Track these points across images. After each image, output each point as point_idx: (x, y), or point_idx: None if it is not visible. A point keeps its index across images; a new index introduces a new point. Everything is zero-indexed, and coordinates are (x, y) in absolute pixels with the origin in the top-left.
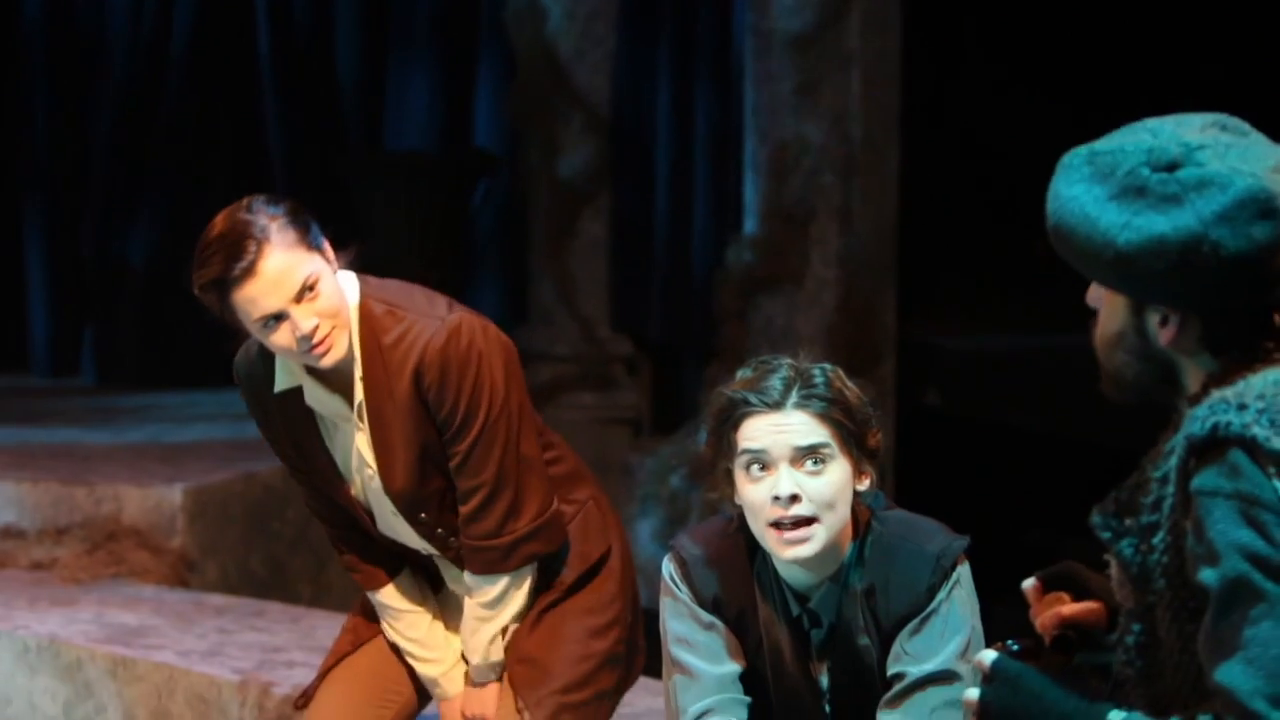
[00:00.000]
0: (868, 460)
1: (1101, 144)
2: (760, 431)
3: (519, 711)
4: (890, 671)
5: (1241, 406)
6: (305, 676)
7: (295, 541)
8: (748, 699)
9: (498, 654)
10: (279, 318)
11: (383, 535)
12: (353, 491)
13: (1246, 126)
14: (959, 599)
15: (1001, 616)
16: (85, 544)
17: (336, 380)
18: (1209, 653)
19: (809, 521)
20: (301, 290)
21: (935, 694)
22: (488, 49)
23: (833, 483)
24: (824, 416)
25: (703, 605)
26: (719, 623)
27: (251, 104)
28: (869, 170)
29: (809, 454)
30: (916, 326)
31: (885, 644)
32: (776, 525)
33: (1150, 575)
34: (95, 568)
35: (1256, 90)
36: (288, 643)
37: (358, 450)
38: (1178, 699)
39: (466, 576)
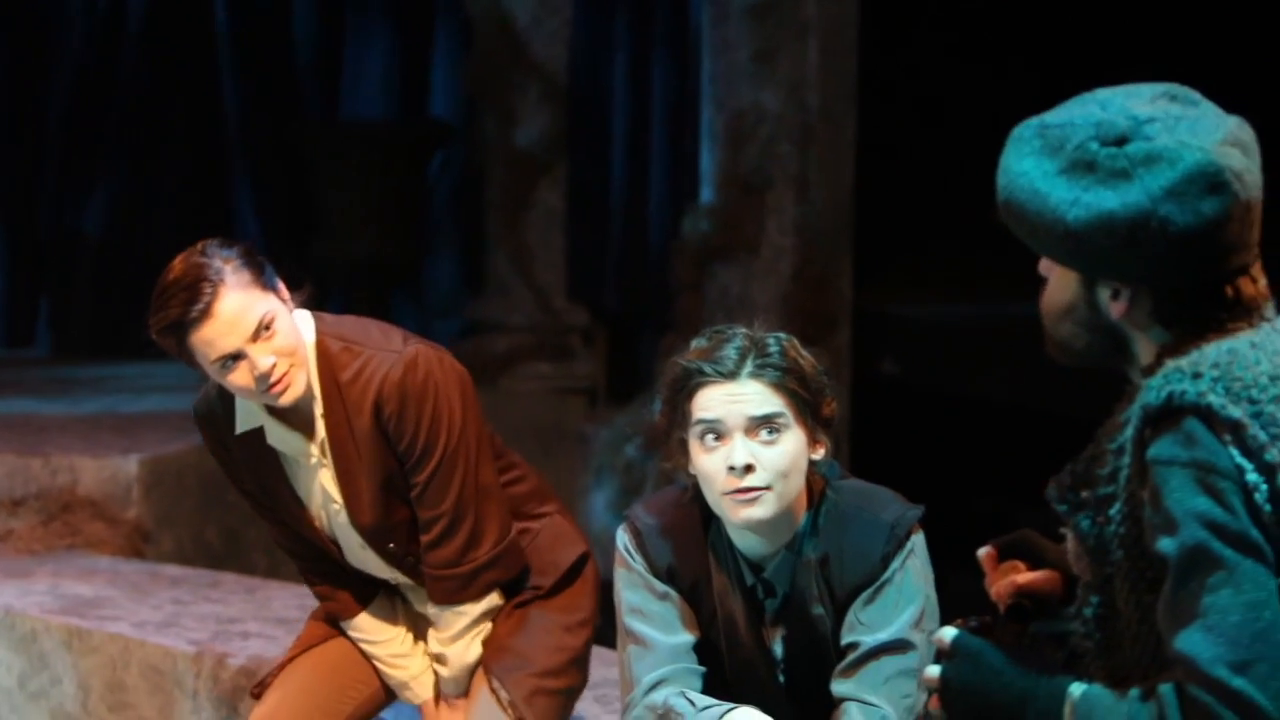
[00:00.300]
0: (822, 429)
1: (1051, 116)
2: (715, 401)
3: (493, 691)
4: (844, 641)
5: (1196, 375)
6: (261, 648)
7: (251, 512)
8: (702, 669)
9: (465, 671)
10: (236, 358)
11: (352, 566)
12: (319, 526)
13: (1197, 96)
14: (913, 568)
15: (957, 585)
16: (40, 515)
17: (297, 419)
18: (1168, 621)
19: (763, 490)
20: (258, 330)
21: (889, 663)
22: (444, 18)
23: (787, 452)
24: (778, 386)
25: (657, 575)
26: (673, 593)
27: (208, 75)
28: (826, 139)
29: (763, 424)
30: (872, 295)
31: (839, 613)
32: (731, 493)
33: (1108, 547)
34: (50, 539)
35: (1213, 57)
36: (243, 614)
37: (322, 487)
38: (1137, 670)
39: (430, 609)
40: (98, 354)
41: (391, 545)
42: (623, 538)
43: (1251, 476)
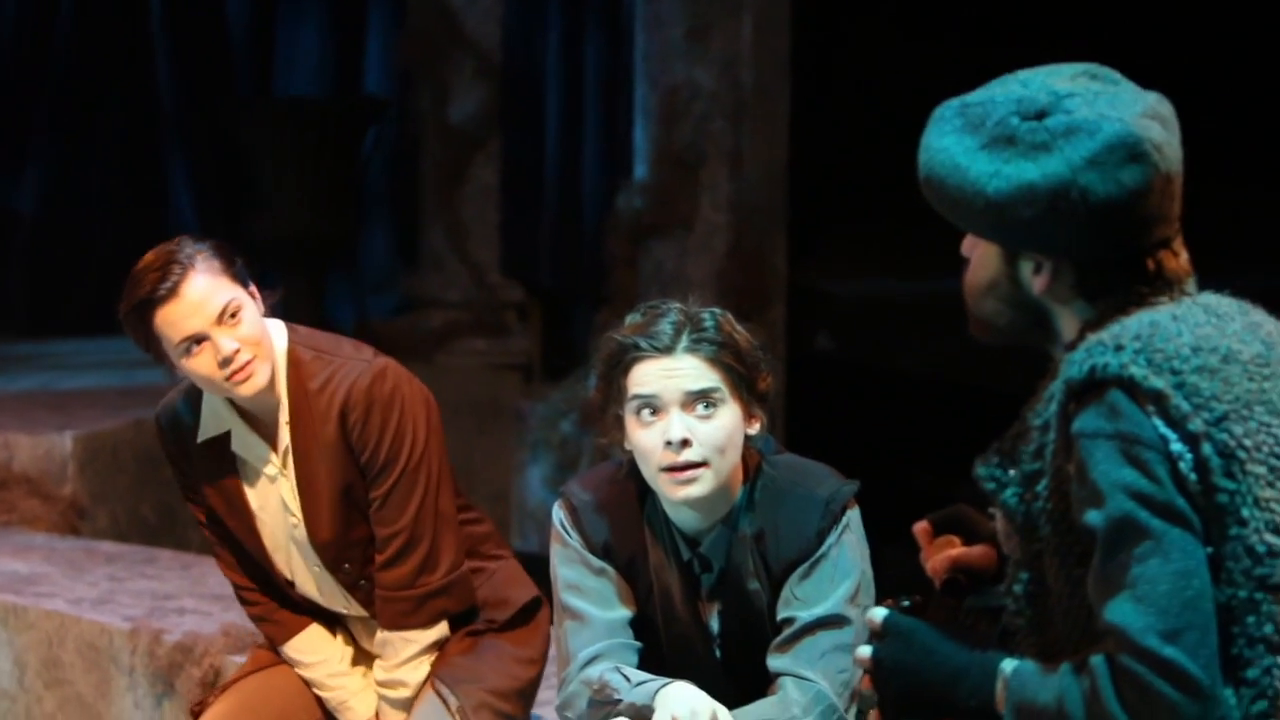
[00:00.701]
0: (758, 404)
1: (973, 96)
2: (651, 376)
3: (440, 697)
4: (780, 616)
5: (1118, 347)
6: (196, 624)
7: None
8: (638, 644)
9: (411, 692)
10: (200, 340)
11: (299, 595)
12: (269, 547)
13: (1117, 75)
14: (848, 543)
15: (892, 560)
16: None
17: (263, 426)
18: (1098, 593)
19: (700, 465)
20: (223, 314)
21: (825, 638)
22: None
23: (723, 427)
24: (714, 361)
25: (593, 551)
26: (609, 568)
27: (141, 52)
28: (759, 115)
29: (700, 398)
30: (807, 271)
31: (775, 588)
32: (668, 469)
33: (1036, 523)
34: None
35: (1146, 37)
36: (179, 590)
37: (282, 500)
38: (1068, 645)
39: (378, 635)
40: (32, 331)
41: (347, 565)
42: (558, 514)
43: (1175, 446)
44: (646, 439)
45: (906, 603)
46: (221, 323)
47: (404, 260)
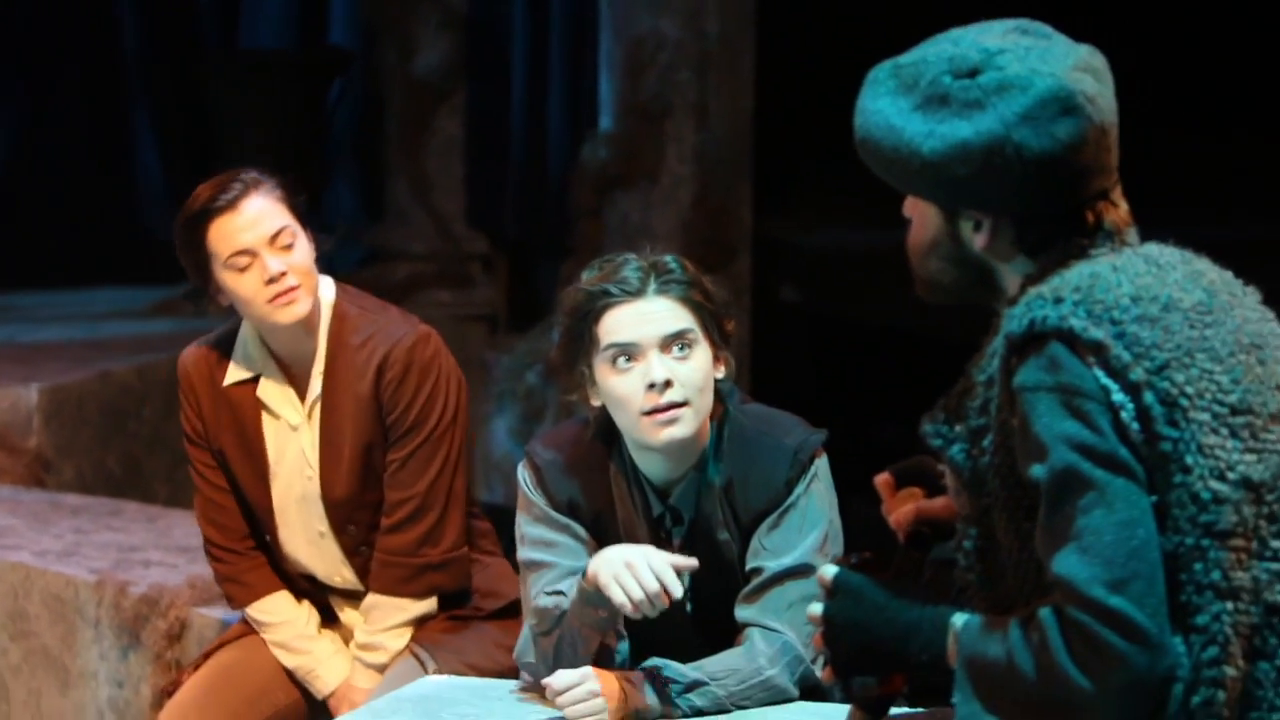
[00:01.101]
0: (724, 346)
1: (905, 57)
2: (625, 323)
3: (418, 659)
4: (748, 566)
5: (1058, 300)
6: (162, 576)
7: (152, 441)
8: None
9: (388, 658)
10: (250, 256)
11: (284, 556)
12: (276, 501)
13: (1049, 30)
14: (817, 493)
15: (857, 511)
16: None
17: (294, 375)
18: (1045, 546)
19: (681, 405)
20: (276, 236)
21: (793, 588)
22: None
23: (700, 367)
24: (686, 300)
25: (558, 510)
26: (576, 526)
27: (106, 4)
28: (724, 66)
29: (676, 339)
30: (772, 222)
31: (744, 538)
32: (650, 412)
33: (983, 478)
34: None
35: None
36: (144, 542)
37: (302, 451)
38: (1020, 599)
39: (368, 600)
40: None
41: (353, 528)
42: (523, 474)
43: (1117, 396)
44: (624, 385)
45: (856, 559)
46: (274, 246)
47: (369, 212)
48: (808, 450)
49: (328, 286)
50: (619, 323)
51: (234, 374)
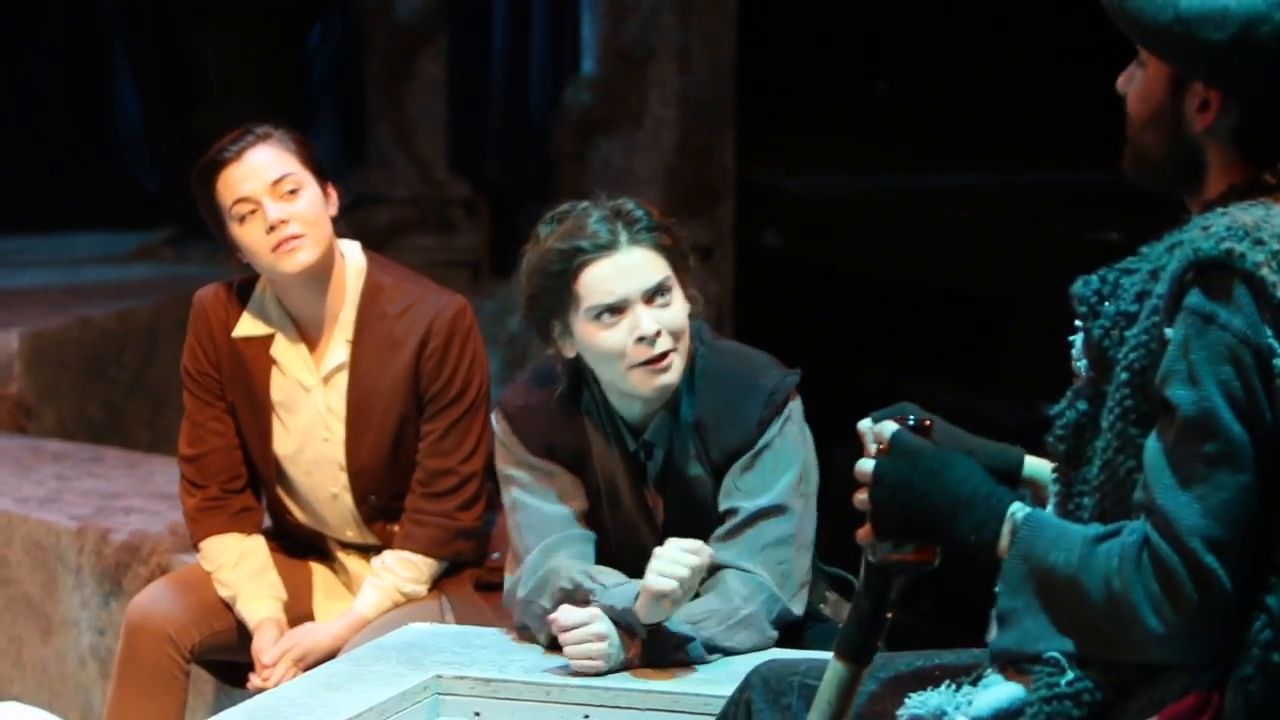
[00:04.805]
0: (690, 282)
1: None
2: (608, 280)
3: (442, 612)
4: (723, 507)
5: (1258, 242)
6: (143, 523)
7: (132, 386)
8: (592, 534)
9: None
10: (252, 204)
11: (285, 509)
12: (282, 456)
13: None
14: (790, 434)
15: (841, 457)
16: None
17: (311, 336)
18: (1157, 470)
19: (670, 352)
20: (279, 183)
21: (767, 528)
22: None
23: (680, 312)
24: (658, 248)
25: (535, 453)
26: (555, 466)
27: None
28: (707, 9)
29: (657, 291)
30: (755, 167)
31: (717, 476)
32: (642, 364)
33: (1112, 365)
34: None
35: None
36: (126, 489)
37: (318, 414)
38: (1096, 492)
39: (400, 555)
40: None
41: (373, 498)
42: (496, 426)
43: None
44: (612, 339)
45: (913, 421)
46: (278, 193)
47: (349, 156)
48: (782, 392)
49: (356, 252)
50: (600, 279)
51: (246, 326)
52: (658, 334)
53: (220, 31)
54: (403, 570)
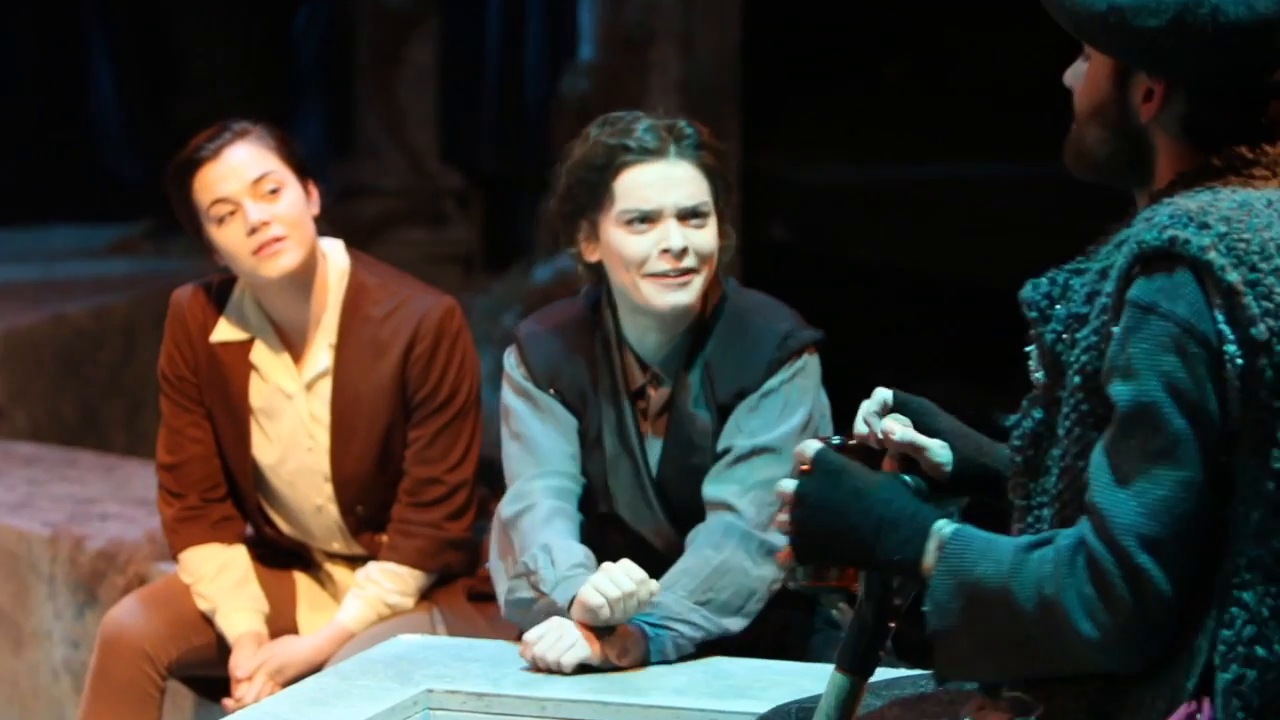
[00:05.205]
0: (726, 220)
1: None
2: (648, 187)
3: (432, 623)
4: (721, 446)
5: (1203, 226)
6: (119, 529)
7: (108, 386)
8: (581, 480)
9: (384, 609)
10: (231, 204)
11: (268, 520)
12: (264, 463)
13: None
14: (801, 385)
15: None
16: None
17: (292, 342)
18: (1098, 469)
19: (691, 271)
20: (259, 183)
21: (761, 465)
22: None
23: (712, 237)
24: (704, 167)
25: (537, 384)
26: (556, 403)
27: None
28: None
29: (693, 213)
30: (762, 157)
31: (721, 418)
32: (658, 275)
33: (1065, 369)
34: None
35: None
36: (101, 494)
37: (301, 423)
38: (1055, 502)
39: (385, 567)
40: None
41: (359, 508)
42: (508, 352)
43: (1230, 348)
44: (638, 245)
45: (838, 440)
46: (258, 193)
47: (337, 145)
48: (797, 339)
49: (339, 252)
50: (640, 183)
51: (224, 332)
52: (684, 251)
53: (202, 15)
54: (388, 582)
